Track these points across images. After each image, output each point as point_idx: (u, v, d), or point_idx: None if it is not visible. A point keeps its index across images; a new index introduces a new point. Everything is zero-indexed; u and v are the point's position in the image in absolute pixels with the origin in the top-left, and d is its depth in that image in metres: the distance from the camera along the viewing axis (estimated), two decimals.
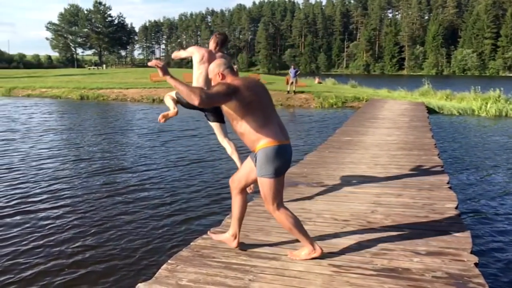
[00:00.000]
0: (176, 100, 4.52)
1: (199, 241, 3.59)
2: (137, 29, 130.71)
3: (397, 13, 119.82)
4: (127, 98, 24.35)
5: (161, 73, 2.87)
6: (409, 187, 5.26)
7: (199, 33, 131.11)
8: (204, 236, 3.69)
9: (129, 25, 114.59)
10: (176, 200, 6.55)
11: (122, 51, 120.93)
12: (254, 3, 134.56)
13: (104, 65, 77.05)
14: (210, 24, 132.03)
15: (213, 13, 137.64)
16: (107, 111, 19.76)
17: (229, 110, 2.96)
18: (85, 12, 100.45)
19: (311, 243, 3.20)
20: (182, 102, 4.41)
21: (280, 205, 3.11)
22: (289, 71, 23.46)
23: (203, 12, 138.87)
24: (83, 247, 4.83)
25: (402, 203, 4.64)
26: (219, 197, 6.61)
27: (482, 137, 12.66)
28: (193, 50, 4.65)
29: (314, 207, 4.51)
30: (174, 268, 3.12)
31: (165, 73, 2.86)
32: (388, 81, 49.17)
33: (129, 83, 28.38)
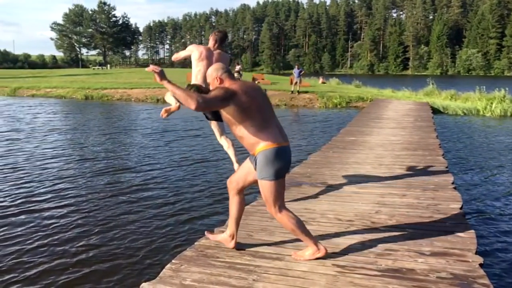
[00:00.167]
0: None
1: (203, 241, 3.59)
2: (141, 29, 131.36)
3: (401, 13, 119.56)
4: (132, 98, 24.41)
5: (158, 79, 2.90)
6: (414, 187, 5.24)
7: (203, 33, 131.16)
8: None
9: (134, 25, 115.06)
10: (179, 199, 6.56)
11: (126, 51, 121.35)
12: (258, 3, 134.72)
13: (108, 65, 77.29)
14: (214, 24, 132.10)
15: (217, 13, 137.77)
16: (112, 111, 19.81)
17: (228, 115, 2.97)
18: (90, 12, 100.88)
19: (314, 243, 3.20)
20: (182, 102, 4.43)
21: (281, 207, 3.11)
22: (293, 71, 23.41)
23: (207, 12, 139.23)
24: (87, 246, 4.84)
25: (406, 203, 4.62)
26: (223, 197, 6.61)
27: (487, 137, 12.60)
28: (191, 48, 4.67)
29: (318, 207, 4.50)
30: (178, 267, 3.12)
31: (162, 78, 2.89)
32: (392, 81, 49.05)
33: (134, 83, 28.45)
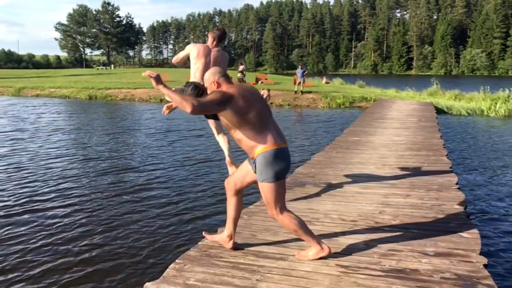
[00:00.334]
0: None
1: (207, 241, 3.59)
2: (145, 29, 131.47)
3: (405, 13, 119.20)
4: (135, 98, 24.46)
5: (154, 83, 2.93)
6: (418, 187, 5.22)
7: (206, 33, 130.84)
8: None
9: (137, 26, 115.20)
10: (182, 199, 6.57)
11: (130, 51, 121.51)
12: (261, 3, 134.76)
13: (112, 65, 77.35)
14: (217, 24, 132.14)
15: (220, 13, 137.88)
16: (115, 111, 19.86)
17: (225, 119, 2.98)
18: (94, 12, 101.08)
19: (318, 242, 3.19)
20: None
21: (283, 208, 3.11)
22: (296, 71, 23.41)
23: (211, 12, 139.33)
24: (91, 246, 4.86)
25: (410, 203, 4.61)
26: (226, 197, 6.60)
27: (491, 138, 12.55)
28: (190, 47, 4.71)
29: (321, 208, 4.50)
30: (181, 267, 3.13)
31: (158, 83, 2.92)
32: (396, 81, 48.95)
33: (137, 83, 28.48)
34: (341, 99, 21.26)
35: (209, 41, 4.69)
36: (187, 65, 4.75)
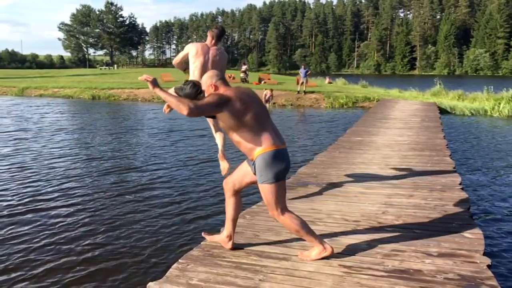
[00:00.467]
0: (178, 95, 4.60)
1: (210, 241, 3.59)
2: (148, 30, 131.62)
3: (408, 13, 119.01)
4: (138, 98, 24.50)
5: (151, 87, 2.96)
6: (421, 188, 5.21)
7: None
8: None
9: (140, 26, 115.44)
10: (185, 199, 6.57)
11: (133, 51, 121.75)
12: (264, 3, 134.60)
13: (115, 65, 77.54)
14: (220, 24, 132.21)
15: (223, 13, 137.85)
16: (118, 111, 19.89)
17: (223, 121, 2.99)
18: (97, 12, 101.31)
19: (320, 242, 3.19)
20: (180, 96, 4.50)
21: (284, 209, 3.11)
22: (299, 71, 23.38)
23: (214, 12, 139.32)
24: (93, 245, 4.86)
25: (413, 204, 4.59)
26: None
27: (494, 138, 12.51)
28: (188, 46, 4.74)
29: (324, 208, 4.49)
30: (184, 267, 3.13)
31: (155, 86, 2.96)
32: (399, 81, 48.84)
33: (140, 83, 28.38)
34: (344, 99, 21.23)
35: (208, 39, 4.72)
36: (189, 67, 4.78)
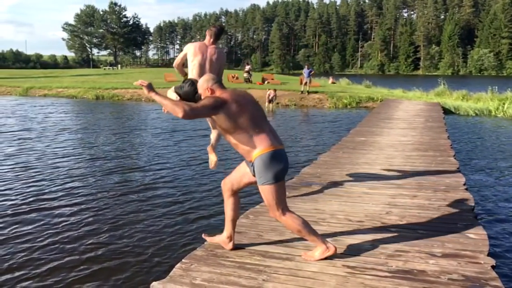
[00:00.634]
0: (177, 93, 4.64)
1: (210, 242, 3.58)
2: (151, 30, 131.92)
3: (412, 13, 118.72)
4: (142, 98, 24.52)
5: (146, 91, 2.99)
6: (425, 188, 5.19)
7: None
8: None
9: (144, 26, 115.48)
10: (188, 199, 6.57)
11: (136, 51, 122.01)
12: (268, 3, 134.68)
13: (119, 65, 77.63)
14: (224, 24, 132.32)
15: (227, 13, 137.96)
16: (122, 111, 19.93)
17: (221, 125, 3.00)
18: (101, 13, 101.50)
19: (323, 242, 3.18)
20: (180, 96, 4.52)
21: (285, 210, 3.11)
22: (303, 71, 23.36)
23: (217, 12, 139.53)
24: (97, 244, 4.87)
25: (417, 204, 4.58)
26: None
27: (498, 138, 12.46)
28: (186, 46, 4.78)
29: (328, 208, 4.48)
30: (188, 267, 3.12)
31: (150, 91, 2.99)
32: (403, 81, 48.72)
33: None
34: (347, 99, 21.20)
35: (207, 38, 4.76)
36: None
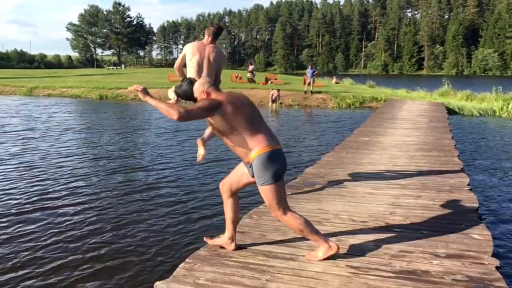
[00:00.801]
0: (177, 93, 4.66)
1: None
2: (155, 30, 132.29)
3: (416, 13, 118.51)
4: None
5: (141, 96, 3.03)
6: (429, 188, 5.17)
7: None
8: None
9: (148, 26, 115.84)
10: (191, 198, 6.58)
11: (140, 51, 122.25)
12: (271, 3, 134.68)
13: (122, 65, 77.83)
14: (227, 24, 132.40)
15: (230, 13, 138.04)
16: (125, 111, 19.97)
17: (217, 127, 3.02)
18: (105, 13, 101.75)
19: (325, 241, 3.18)
20: (180, 95, 4.54)
21: (286, 209, 3.12)
22: (306, 71, 23.32)
23: (221, 12, 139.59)
24: (100, 244, 4.88)
25: (421, 204, 4.56)
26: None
27: (503, 138, 12.40)
28: (185, 47, 4.82)
29: (331, 208, 4.47)
30: (191, 267, 3.13)
31: (145, 95, 3.02)
32: (406, 81, 48.59)
33: (148, 83, 28.58)
34: (351, 99, 21.15)
35: (205, 38, 4.79)
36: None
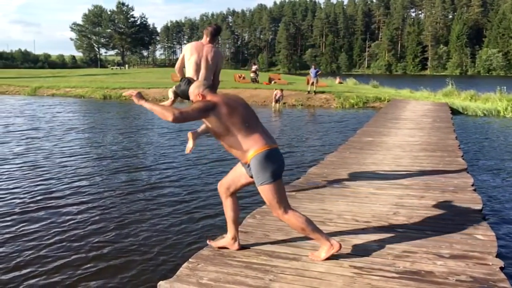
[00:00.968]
0: (176, 93, 4.67)
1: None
2: (159, 30, 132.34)
3: (420, 12, 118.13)
4: (149, 97, 24.59)
5: (136, 100, 3.09)
6: (432, 188, 5.16)
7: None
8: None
9: (151, 26, 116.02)
10: (194, 198, 6.58)
11: (144, 51, 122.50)
12: (275, 3, 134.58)
13: (126, 65, 77.99)
14: (231, 24, 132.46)
15: (234, 13, 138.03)
16: (129, 111, 20.00)
17: (213, 128, 3.04)
18: (109, 13, 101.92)
19: (327, 239, 3.18)
20: (178, 95, 4.55)
21: (287, 208, 3.11)
22: (309, 71, 23.31)
23: (224, 12, 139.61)
24: (103, 243, 4.89)
25: (425, 205, 4.55)
26: (238, 196, 6.59)
27: (507, 139, 12.35)
28: (184, 48, 4.85)
29: (335, 208, 4.46)
30: (195, 266, 3.12)
31: (139, 99, 3.10)
32: (410, 81, 48.43)
33: (151, 82, 28.67)
34: (354, 99, 21.12)
35: (204, 37, 4.82)
36: None
